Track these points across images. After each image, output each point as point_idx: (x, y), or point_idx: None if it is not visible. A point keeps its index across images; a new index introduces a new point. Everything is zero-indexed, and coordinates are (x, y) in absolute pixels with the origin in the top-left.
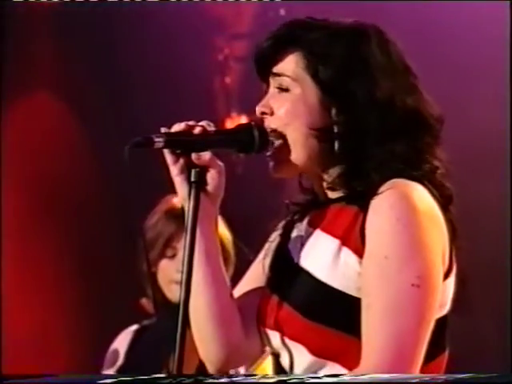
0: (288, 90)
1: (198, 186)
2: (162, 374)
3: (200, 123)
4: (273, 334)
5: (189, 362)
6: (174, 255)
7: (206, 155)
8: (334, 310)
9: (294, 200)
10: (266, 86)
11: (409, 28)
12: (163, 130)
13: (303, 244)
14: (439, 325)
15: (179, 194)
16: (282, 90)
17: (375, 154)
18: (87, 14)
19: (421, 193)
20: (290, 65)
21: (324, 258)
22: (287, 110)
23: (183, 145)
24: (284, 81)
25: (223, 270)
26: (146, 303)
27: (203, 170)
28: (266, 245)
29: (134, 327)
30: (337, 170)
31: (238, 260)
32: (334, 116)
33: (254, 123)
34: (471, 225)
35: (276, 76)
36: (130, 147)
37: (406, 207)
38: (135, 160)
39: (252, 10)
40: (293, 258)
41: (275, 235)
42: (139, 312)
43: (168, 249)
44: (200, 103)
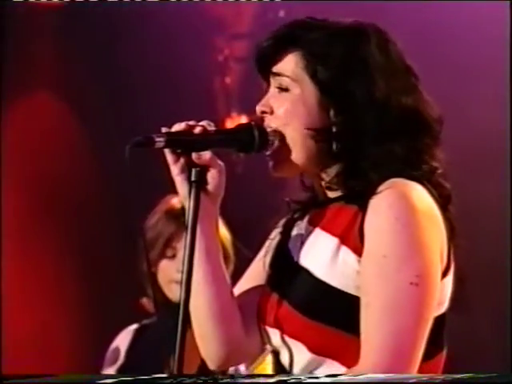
0: (288, 89)
1: (198, 185)
2: (162, 374)
3: (200, 123)
4: (273, 331)
5: (190, 362)
6: (173, 255)
7: (207, 155)
8: (333, 309)
9: (295, 198)
10: (267, 85)
11: (408, 28)
12: (164, 129)
13: (303, 242)
14: (437, 323)
15: (180, 194)
16: (281, 90)
17: (373, 154)
18: (87, 14)
19: (419, 192)
20: (290, 65)
21: (323, 257)
22: (287, 109)
23: (184, 144)
24: (284, 81)
25: (223, 269)
26: (147, 303)
27: (203, 169)
28: (267, 242)
29: (134, 326)
30: (335, 170)
31: (237, 259)
32: (332, 116)
33: (253, 123)
34: (471, 225)
35: (276, 76)
36: (130, 147)
37: (404, 206)
38: (136, 160)
39: (252, 10)
40: (293, 257)
41: (276, 233)
42: (140, 312)
43: (168, 249)
44: (200, 103)
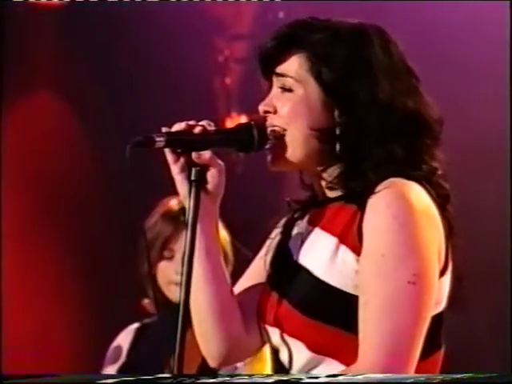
0: (291, 90)
1: (198, 184)
2: (163, 373)
3: (200, 123)
4: (272, 330)
5: (190, 361)
6: (171, 257)
7: (206, 154)
8: (332, 308)
9: (295, 197)
10: (269, 84)
11: (408, 28)
12: (164, 129)
13: (303, 242)
14: (435, 322)
15: (180, 193)
16: (285, 90)
17: (374, 155)
18: (87, 14)
19: (417, 192)
20: (294, 66)
21: (322, 256)
22: (290, 109)
23: (184, 144)
24: (287, 81)
25: (223, 267)
26: (148, 304)
27: (203, 168)
28: (267, 242)
29: (135, 325)
30: (336, 170)
31: (236, 259)
32: (335, 117)
33: (253, 123)
34: (471, 224)
35: (279, 76)
36: (131, 146)
37: (402, 206)
38: (136, 159)
39: (251, 11)
40: (293, 256)
41: (276, 232)
42: (140, 312)
43: (166, 250)
44: (200, 103)
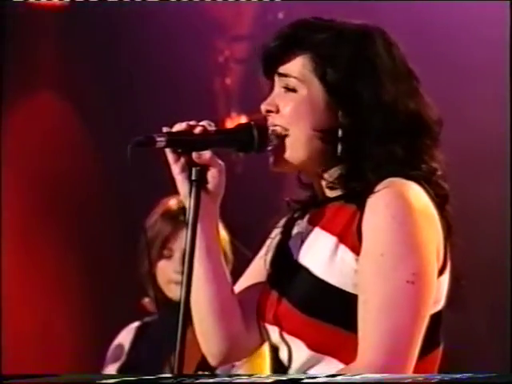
0: (295, 90)
1: (198, 184)
2: (164, 373)
3: (201, 123)
4: (272, 328)
5: (190, 359)
6: (170, 256)
7: (207, 154)
8: (331, 306)
9: (295, 197)
10: (271, 84)
11: (407, 29)
12: (165, 129)
13: (303, 241)
14: (434, 320)
15: (180, 193)
16: (288, 90)
17: (375, 155)
18: (88, 15)
19: (416, 191)
20: (297, 66)
21: (322, 255)
22: (293, 109)
23: (184, 144)
24: (290, 81)
25: (224, 266)
26: (148, 302)
27: (204, 168)
28: (268, 241)
29: (136, 324)
30: (337, 171)
31: (235, 259)
32: (340, 118)
33: (253, 123)
34: (471, 225)
35: (282, 76)
36: (132, 146)
37: (401, 206)
38: (137, 159)
39: (251, 12)
40: (293, 255)
41: (276, 232)
42: (141, 311)
43: (165, 250)
44: (201, 103)
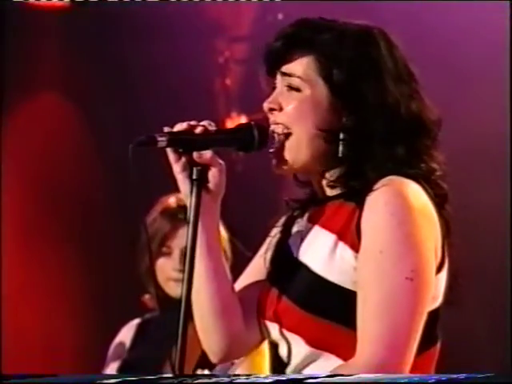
0: (298, 89)
1: (199, 183)
2: (165, 369)
3: (201, 123)
4: (272, 325)
5: (190, 355)
6: (169, 254)
7: (207, 154)
8: (330, 303)
9: (294, 197)
10: (273, 83)
11: (407, 29)
12: (166, 129)
13: (303, 239)
14: (432, 317)
15: (181, 192)
16: (291, 89)
17: (376, 156)
18: (89, 16)
19: (415, 190)
20: (301, 66)
21: (321, 253)
22: (295, 108)
23: (185, 144)
24: (294, 81)
25: (224, 264)
26: (149, 299)
27: (204, 168)
28: (268, 239)
29: (136, 321)
30: (339, 171)
31: (234, 256)
32: (343, 118)
33: (253, 123)
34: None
35: (286, 75)
36: (133, 146)
37: (400, 204)
38: (138, 159)
39: (251, 13)
40: (292, 253)
41: (276, 231)
42: (142, 308)
43: (163, 247)
44: (201, 104)
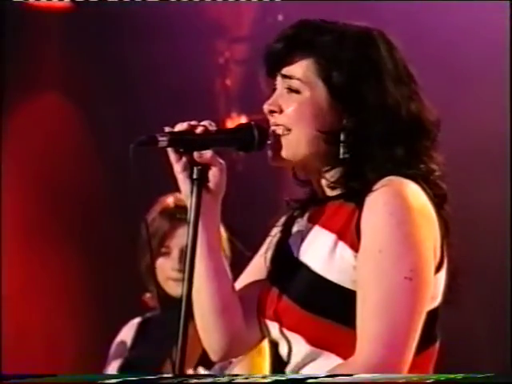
0: (298, 91)
1: (199, 183)
2: (166, 368)
3: (202, 123)
4: (272, 324)
5: (191, 354)
6: (168, 253)
7: (208, 153)
8: (330, 302)
9: (294, 197)
10: (273, 85)
11: (407, 29)
12: (167, 129)
13: (303, 239)
14: (430, 317)
15: (182, 191)
16: (291, 91)
17: (375, 157)
18: (90, 17)
19: (414, 190)
20: (301, 68)
21: (321, 253)
22: (295, 110)
23: (186, 143)
24: (294, 83)
25: (225, 264)
26: (149, 298)
27: (205, 167)
28: (268, 239)
29: (137, 320)
30: (339, 171)
31: (233, 256)
32: (343, 120)
33: (253, 123)
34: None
35: (286, 78)
36: (134, 146)
37: (399, 204)
38: (139, 160)
39: (251, 14)
40: (293, 253)
41: (276, 230)
42: (143, 308)
43: (162, 247)
44: (202, 104)
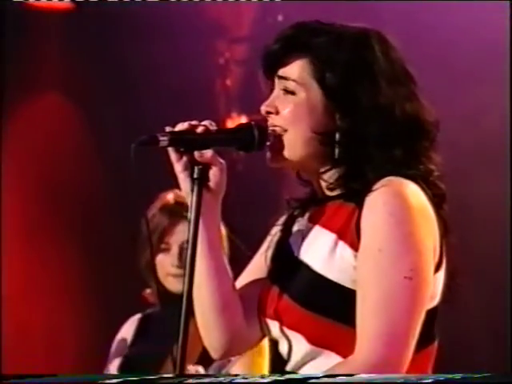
0: (294, 93)
1: (200, 182)
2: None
3: (202, 123)
4: (272, 323)
5: (191, 350)
6: (167, 249)
7: (208, 153)
8: (330, 301)
9: (295, 196)
10: (271, 86)
11: (407, 29)
12: (168, 129)
13: (304, 238)
14: (430, 316)
15: (183, 190)
16: (287, 92)
17: (374, 158)
18: (90, 17)
19: (413, 190)
20: (296, 69)
21: (321, 252)
22: (291, 111)
23: (186, 143)
24: (289, 84)
25: (225, 262)
26: (150, 294)
27: (205, 167)
28: (268, 238)
29: (137, 316)
30: (337, 172)
31: (231, 252)
32: (337, 121)
33: (253, 123)
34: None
35: (282, 79)
36: (135, 146)
37: (399, 203)
38: (140, 159)
39: (251, 15)
40: (293, 252)
41: (277, 229)
42: (143, 303)
43: (162, 244)
44: (202, 104)
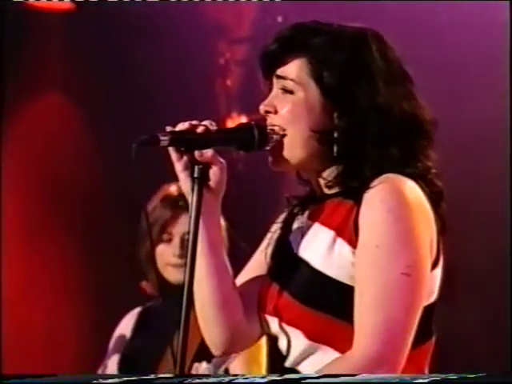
0: (292, 92)
1: (200, 181)
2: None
3: (203, 122)
4: (272, 319)
5: (190, 342)
6: (169, 240)
7: (209, 153)
8: (329, 298)
9: (294, 194)
10: (270, 85)
11: (407, 29)
12: (168, 128)
13: (303, 236)
14: (427, 312)
15: (183, 189)
16: (285, 92)
17: (372, 156)
18: (91, 17)
19: (411, 187)
20: (294, 69)
21: (320, 249)
22: (290, 111)
23: (187, 143)
24: (288, 83)
25: (226, 260)
26: (147, 286)
27: (206, 166)
28: (268, 235)
29: (137, 310)
30: (335, 171)
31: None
32: (335, 120)
33: (253, 123)
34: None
35: (280, 78)
36: (136, 145)
37: (396, 200)
38: (141, 159)
39: (251, 15)
40: (293, 249)
41: (276, 227)
42: (142, 295)
43: (164, 234)
44: (202, 104)
